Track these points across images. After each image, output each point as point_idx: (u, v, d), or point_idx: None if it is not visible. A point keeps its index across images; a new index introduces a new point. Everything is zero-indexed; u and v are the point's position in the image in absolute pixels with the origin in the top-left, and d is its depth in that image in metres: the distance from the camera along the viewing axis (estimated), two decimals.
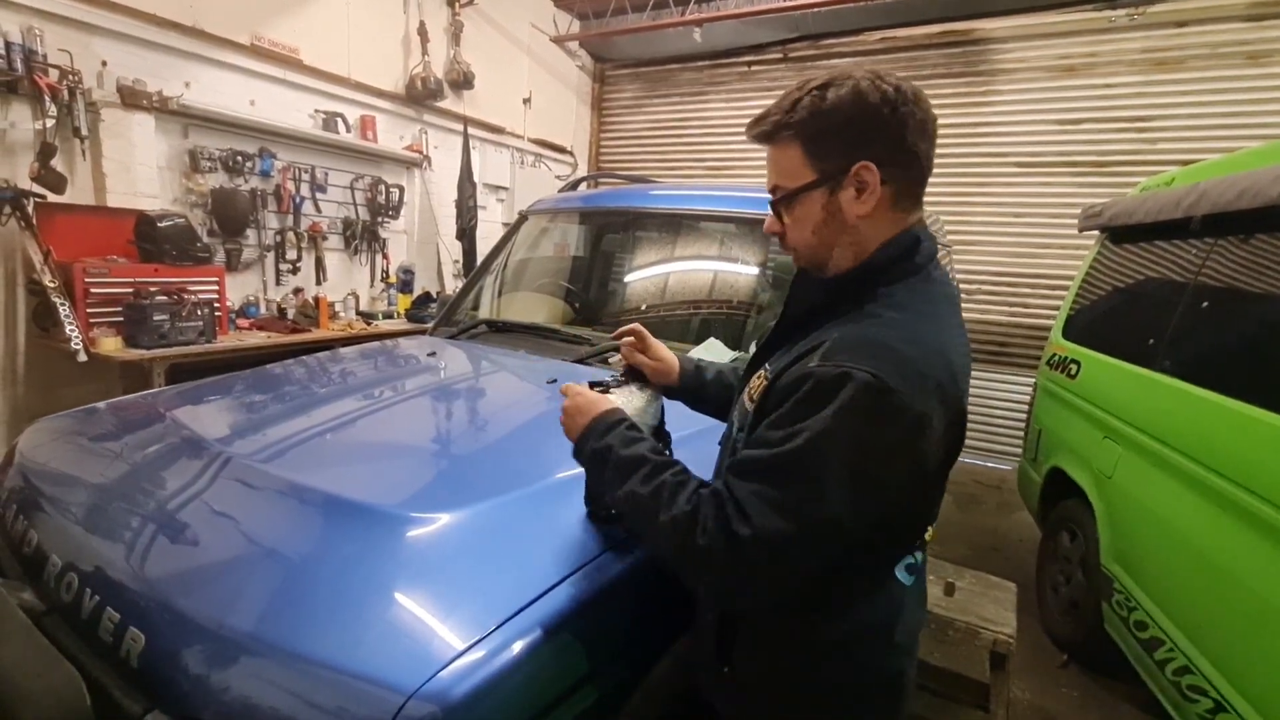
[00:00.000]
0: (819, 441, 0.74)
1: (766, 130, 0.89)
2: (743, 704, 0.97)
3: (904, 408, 0.75)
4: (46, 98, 2.82)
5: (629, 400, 1.09)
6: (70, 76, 2.91)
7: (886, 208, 0.87)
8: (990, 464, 5.07)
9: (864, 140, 0.84)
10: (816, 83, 0.85)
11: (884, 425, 0.75)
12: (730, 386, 1.20)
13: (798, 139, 0.86)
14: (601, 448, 0.92)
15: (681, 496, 0.82)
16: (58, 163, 2.89)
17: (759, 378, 0.92)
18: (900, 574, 0.91)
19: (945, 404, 0.79)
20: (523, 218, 2.81)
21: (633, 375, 1.19)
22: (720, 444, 1.09)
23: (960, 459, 0.90)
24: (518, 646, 0.85)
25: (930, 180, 0.91)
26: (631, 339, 1.21)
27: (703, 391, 1.22)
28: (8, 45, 2.72)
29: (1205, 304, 2.16)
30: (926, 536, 0.94)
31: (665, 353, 1.22)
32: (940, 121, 0.91)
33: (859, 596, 0.89)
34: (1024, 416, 3.55)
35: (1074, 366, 2.90)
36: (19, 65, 2.75)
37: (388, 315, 4.56)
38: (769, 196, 0.93)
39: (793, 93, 0.87)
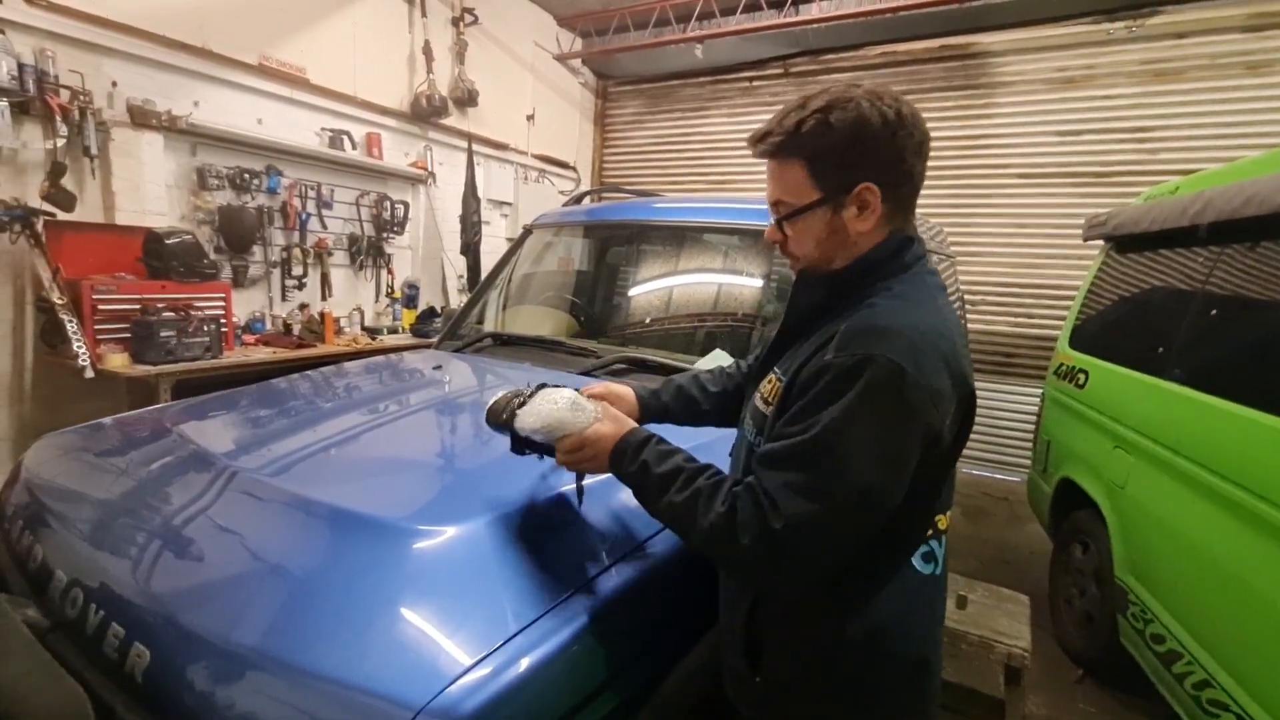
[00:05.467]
0: (841, 423, 0.79)
1: (769, 149, 0.92)
2: (776, 710, 0.98)
3: (919, 385, 0.79)
4: (57, 118, 2.86)
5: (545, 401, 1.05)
6: (81, 97, 2.95)
7: (883, 221, 0.92)
8: (999, 476, 5.02)
9: (867, 164, 0.88)
10: (819, 104, 0.88)
11: (903, 403, 0.78)
12: (687, 394, 1.27)
13: (801, 159, 0.90)
14: (637, 469, 0.94)
15: (717, 499, 0.85)
16: (67, 181, 2.93)
17: (770, 381, 0.95)
18: (918, 563, 0.93)
19: (954, 379, 0.84)
20: (527, 232, 2.82)
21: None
22: (730, 455, 1.10)
23: (968, 471, 0.93)
24: (528, 660, 0.83)
25: (933, 192, 0.94)
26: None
27: (666, 411, 1.27)
28: (20, 67, 2.76)
29: (1214, 311, 2.15)
30: (941, 525, 0.95)
31: (619, 392, 1.24)
32: (941, 134, 0.97)
33: (879, 589, 0.90)
34: (1032, 427, 3.52)
35: (1082, 376, 2.88)
36: (31, 86, 2.80)
37: (393, 330, 4.58)
38: (768, 207, 0.98)
39: (795, 111, 0.90)
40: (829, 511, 0.78)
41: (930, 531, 0.94)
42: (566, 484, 1.22)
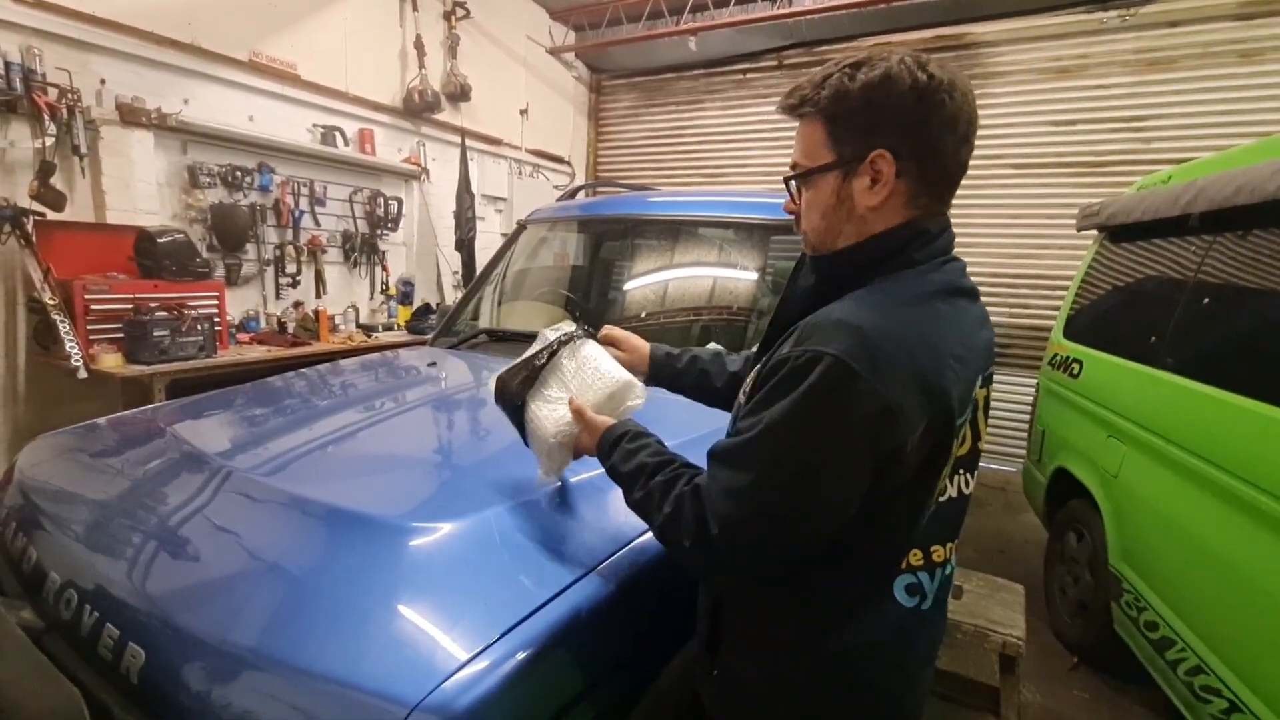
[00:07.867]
0: (779, 424, 0.75)
1: (793, 104, 0.86)
2: (727, 706, 0.96)
3: (871, 393, 0.71)
4: (45, 116, 2.84)
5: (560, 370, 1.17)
6: (69, 95, 2.92)
7: (901, 203, 0.82)
8: (994, 466, 5.05)
9: (884, 127, 0.79)
10: (850, 60, 0.82)
11: (847, 410, 0.72)
12: (702, 368, 1.25)
13: (821, 117, 0.83)
14: (609, 469, 0.98)
15: (666, 501, 0.85)
16: (57, 181, 2.91)
17: (756, 373, 0.91)
18: (899, 594, 0.84)
19: (927, 397, 0.74)
20: (521, 227, 2.82)
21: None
22: None
23: None
24: (522, 656, 0.83)
25: None
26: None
27: (678, 379, 1.26)
28: (6, 65, 2.74)
29: (1206, 300, 2.16)
30: (937, 557, 0.86)
31: (635, 343, 1.28)
32: None
33: (848, 611, 0.84)
34: (1027, 418, 3.54)
35: (1076, 366, 2.89)
36: (18, 85, 2.77)
37: (388, 327, 4.57)
38: (776, 194, 0.94)
39: (828, 68, 0.84)
40: (761, 518, 0.76)
41: (921, 562, 0.85)
42: (560, 481, 1.22)
